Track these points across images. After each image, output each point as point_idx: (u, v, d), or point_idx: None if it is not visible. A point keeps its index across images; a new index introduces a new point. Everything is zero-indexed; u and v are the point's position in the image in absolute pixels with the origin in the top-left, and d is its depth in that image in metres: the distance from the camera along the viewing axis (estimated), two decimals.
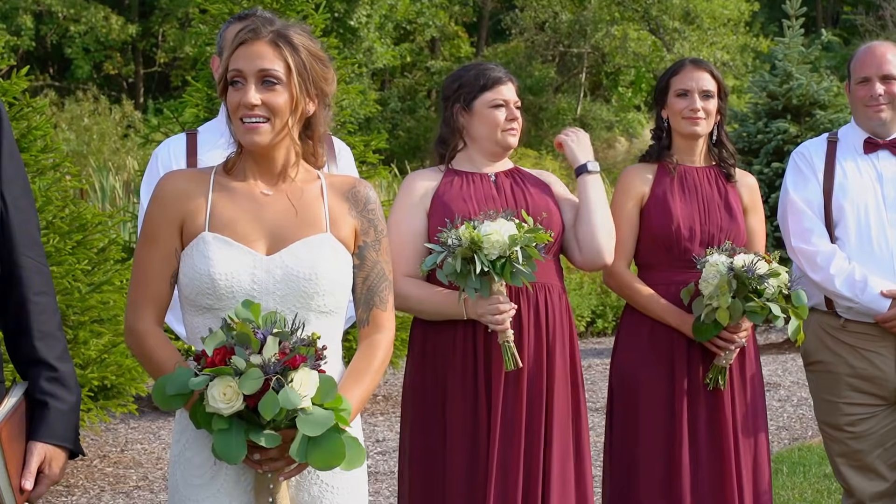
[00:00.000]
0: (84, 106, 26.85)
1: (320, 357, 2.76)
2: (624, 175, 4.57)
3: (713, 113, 4.48)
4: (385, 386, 10.24)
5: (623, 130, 30.63)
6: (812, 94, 11.59)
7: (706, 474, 4.33)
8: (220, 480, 2.93)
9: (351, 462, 2.76)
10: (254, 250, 2.94)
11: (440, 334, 4.06)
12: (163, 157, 4.21)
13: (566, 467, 4.08)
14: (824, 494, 6.71)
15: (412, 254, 4.06)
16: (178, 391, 2.75)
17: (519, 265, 3.79)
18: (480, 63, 4.29)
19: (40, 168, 7.13)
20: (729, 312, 4.20)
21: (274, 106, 2.93)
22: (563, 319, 4.13)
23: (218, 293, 2.91)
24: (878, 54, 4.64)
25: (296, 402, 2.66)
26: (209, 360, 2.73)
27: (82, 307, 6.95)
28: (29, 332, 2.90)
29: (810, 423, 8.62)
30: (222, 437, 2.72)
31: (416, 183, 4.19)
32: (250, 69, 2.92)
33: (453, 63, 31.69)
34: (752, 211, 4.56)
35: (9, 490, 2.80)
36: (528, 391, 4.03)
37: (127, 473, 7.54)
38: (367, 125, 25.58)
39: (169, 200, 2.99)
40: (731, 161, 4.54)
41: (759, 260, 4.21)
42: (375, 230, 3.06)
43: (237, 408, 2.69)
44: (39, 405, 2.89)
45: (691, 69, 4.49)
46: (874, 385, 4.61)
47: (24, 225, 2.93)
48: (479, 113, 4.16)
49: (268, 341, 2.71)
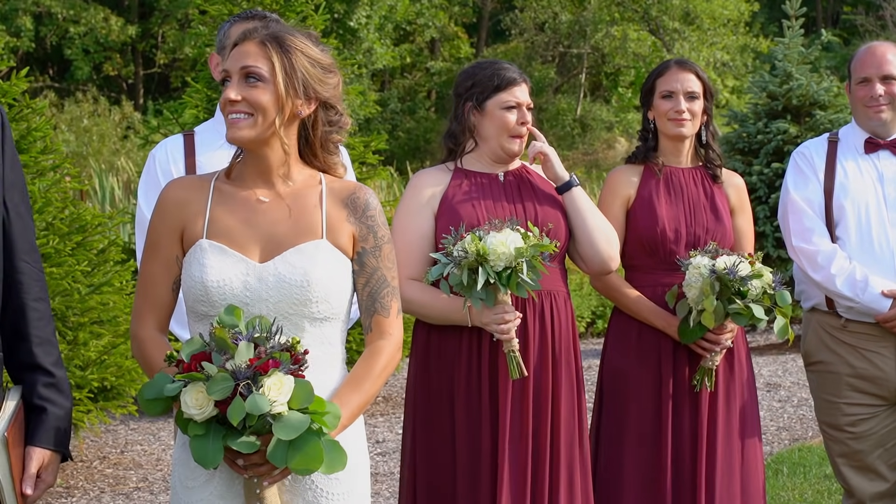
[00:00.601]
0: (83, 107, 26.85)
1: (298, 361, 2.76)
2: (610, 177, 4.57)
3: (698, 114, 4.47)
4: (385, 387, 10.23)
5: (623, 131, 30.63)
6: (812, 94, 11.58)
7: (688, 476, 4.34)
8: (215, 484, 2.94)
9: (330, 466, 2.75)
10: (248, 257, 2.95)
11: (445, 339, 4.04)
12: (160, 158, 4.20)
13: (573, 474, 4.07)
14: (825, 495, 6.70)
15: (418, 257, 4.03)
16: (156, 396, 2.77)
17: (524, 276, 3.77)
18: (495, 62, 4.22)
19: (40, 169, 7.12)
20: (713, 315, 4.20)
21: (255, 102, 2.93)
22: (568, 326, 4.12)
23: (211, 300, 2.92)
24: (878, 54, 4.63)
25: (263, 407, 2.66)
26: (185, 366, 2.75)
27: (82, 308, 6.94)
28: (27, 337, 2.92)
29: (811, 424, 8.61)
30: (198, 442, 2.73)
31: (423, 183, 4.15)
32: (234, 67, 2.95)
33: (453, 64, 31.70)
34: (739, 211, 4.56)
35: (12, 495, 2.83)
36: (533, 399, 4.00)
37: (127, 475, 7.53)
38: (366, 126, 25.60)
39: (169, 209, 3.02)
40: (717, 162, 4.53)
41: (742, 262, 4.20)
42: (375, 237, 3.04)
43: (209, 413, 2.70)
44: (37, 410, 2.92)
45: (676, 70, 4.49)
46: (875, 385, 4.60)
47: (23, 231, 2.95)
48: (491, 113, 4.12)
49: (240, 346, 2.72)
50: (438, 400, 4.04)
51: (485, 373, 3.98)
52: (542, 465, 4.00)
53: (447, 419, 4.02)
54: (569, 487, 4.04)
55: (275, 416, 2.69)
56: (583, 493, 4.09)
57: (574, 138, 29.86)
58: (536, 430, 4.01)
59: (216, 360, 2.72)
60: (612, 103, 32.34)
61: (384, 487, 7.15)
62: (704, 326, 4.25)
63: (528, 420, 3.98)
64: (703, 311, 4.21)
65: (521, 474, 3.96)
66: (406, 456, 4.14)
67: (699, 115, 4.48)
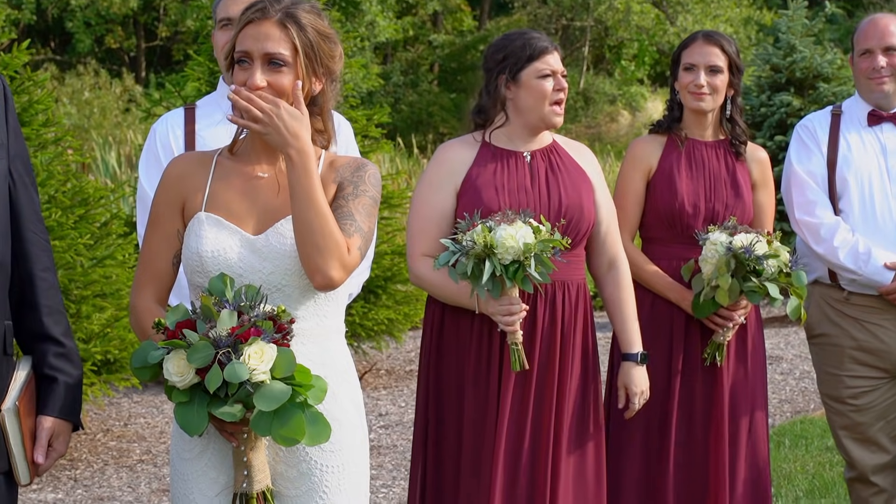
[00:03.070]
0: (85, 80, 26.80)
1: (282, 330, 2.76)
2: (633, 146, 4.57)
3: (720, 88, 4.44)
4: (388, 360, 10.25)
5: (626, 104, 30.55)
6: (816, 66, 11.54)
7: (695, 448, 4.36)
8: (209, 455, 2.97)
9: (313, 438, 2.76)
10: (242, 229, 2.96)
11: (459, 320, 4.02)
12: (160, 131, 4.20)
13: (575, 462, 4.04)
14: (826, 467, 6.72)
15: (435, 233, 3.97)
16: (142, 364, 2.79)
17: (531, 271, 3.73)
18: (524, 31, 4.13)
19: (42, 142, 7.11)
20: (728, 293, 4.20)
21: (280, 87, 2.92)
22: (582, 316, 4.06)
23: (206, 270, 2.94)
24: (880, 26, 4.62)
25: (242, 375, 2.66)
26: (169, 334, 2.76)
27: (85, 281, 6.94)
28: (37, 307, 2.93)
29: (812, 396, 8.63)
30: (182, 409, 2.75)
31: (449, 157, 4.08)
32: (257, 50, 2.92)
33: (456, 37, 31.61)
34: (761, 186, 4.55)
35: (24, 463, 2.86)
36: (536, 388, 3.97)
37: (130, 447, 7.56)
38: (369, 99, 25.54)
39: (171, 184, 3.04)
40: (742, 138, 4.50)
41: (759, 241, 4.20)
42: (356, 188, 3.01)
43: (190, 381, 2.72)
44: (48, 380, 2.93)
45: (701, 44, 4.47)
46: (877, 358, 4.61)
47: (29, 201, 2.95)
48: (527, 84, 4.03)
49: (223, 315, 2.73)
50: (449, 379, 4.03)
51: (495, 358, 3.96)
52: (542, 451, 3.97)
53: (457, 400, 4.01)
54: (567, 474, 4.00)
55: (255, 384, 2.70)
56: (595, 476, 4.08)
57: (577, 111, 29.78)
58: (538, 416, 3.98)
59: (200, 327, 2.74)
60: (616, 76, 32.23)
61: (387, 460, 7.17)
62: (718, 302, 4.25)
63: (528, 406, 3.96)
64: (718, 288, 4.21)
65: (515, 463, 3.94)
66: (419, 430, 4.11)
67: (721, 90, 4.44)
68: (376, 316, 8.95)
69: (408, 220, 4.12)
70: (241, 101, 2.88)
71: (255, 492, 2.89)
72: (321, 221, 2.87)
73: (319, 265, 2.87)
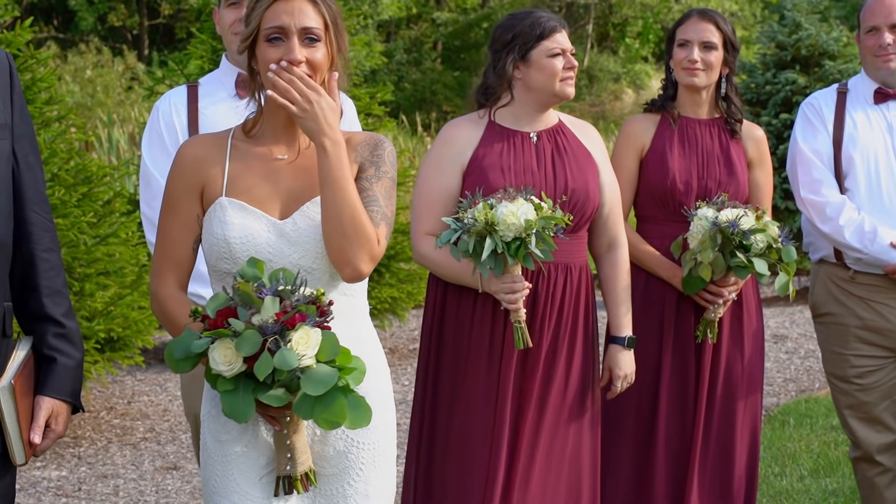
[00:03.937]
0: (87, 58, 26.75)
1: (324, 313, 2.75)
2: (626, 125, 4.55)
3: (715, 65, 4.42)
4: (391, 339, 10.25)
5: (630, 82, 30.49)
6: (821, 44, 11.49)
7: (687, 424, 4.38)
8: (248, 436, 2.96)
9: (354, 422, 2.75)
10: (268, 214, 2.94)
11: (461, 298, 4.01)
12: (163, 109, 4.19)
13: (573, 439, 4.04)
14: (831, 446, 6.72)
15: (439, 213, 3.96)
16: (185, 355, 2.77)
17: (533, 248, 3.72)
18: (531, 11, 4.12)
19: (45, 120, 7.11)
20: (711, 268, 4.18)
21: (315, 63, 2.92)
22: (583, 299, 4.06)
23: (234, 257, 2.92)
24: (886, 3, 4.59)
25: (292, 362, 2.66)
26: (211, 323, 2.74)
27: (88, 259, 6.94)
28: (37, 288, 2.92)
29: (818, 375, 8.62)
30: (228, 397, 2.74)
31: (455, 136, 4.07)
32: (294, 25, 2.90)
33: (459, 15, 31.51)
34: (757, 164, 4.53)
35: (20, 444, 2.86)
36: (542, 370, 3.97)
37: (134, 425, 7.57)
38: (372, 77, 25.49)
39: (187, 168, 3.00)
40: (737, 116, 4.48)
41: (745, 215, 4.17)
42: (378, 169, 3.01)
43: (238, 369, 2.71)
44: (47, 360, 2.93)
45: (696, 20, 4.46)
46: (883, 337, 4.60)
47: (33, 181, 2.94)
48: (537, 63, 4.02)
49: (266, 301, 2.71)
50: (452, 357, 4.02)
51: (497, 337, 3.96)
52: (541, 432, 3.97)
53: (456, 378, 4.01)
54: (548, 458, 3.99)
55: (303, 369, 2.70)
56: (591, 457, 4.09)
57: (581, 89, 29.71)
58: (542, 400, 3.97)
59: (241, 314, 2.71)
60: (620, 54, 32.15)
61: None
62: (703, 278, 4.24)
63: (531, 389, 3.96)
64: (702, 264, 4.20)
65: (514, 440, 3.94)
66: (417, 407, 4.12)
67: (716, 67, 4.43)
68: (380, 294, 8.95)
69: (412, 199, 4.11)
70: (282, 81, 2.86)
71: (298, 473, 2.90)
72: (352, 213, 2.86)
73: (349, 258, 2.87)
